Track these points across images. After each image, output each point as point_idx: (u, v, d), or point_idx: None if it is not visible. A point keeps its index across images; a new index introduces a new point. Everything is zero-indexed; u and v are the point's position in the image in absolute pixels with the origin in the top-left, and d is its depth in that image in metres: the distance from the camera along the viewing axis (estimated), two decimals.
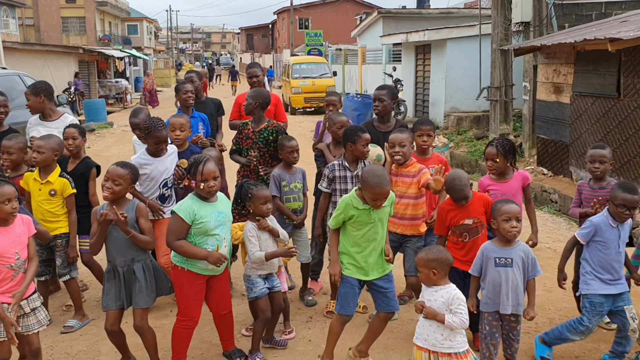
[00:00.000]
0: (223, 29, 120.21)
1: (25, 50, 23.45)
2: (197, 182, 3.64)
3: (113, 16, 50.97)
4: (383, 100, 5.19)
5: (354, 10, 46.29)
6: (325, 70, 23.98)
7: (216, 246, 3.75)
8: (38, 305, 3.59)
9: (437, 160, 4.74)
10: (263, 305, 4.12)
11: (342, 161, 4.65)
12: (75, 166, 4.84)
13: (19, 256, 3.46)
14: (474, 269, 3.79)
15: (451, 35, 15.00)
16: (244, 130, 5.31)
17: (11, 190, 3.39)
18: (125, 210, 3.76)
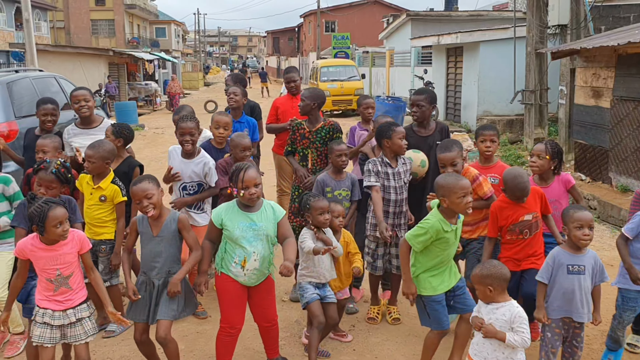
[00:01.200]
0: (249, 32, 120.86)
1: (57, 53, 23.84)
2: (238, 190, 3.57)
3: (141, 19, 51.59)
4: (422, 106, 4.97)
5: (380, 12, 46.08)
6: (353, 73, 23.88)
7: (243, 258, 3.64)
8: (86, 316, 3.52)
9: (500, 169, 4.51)
10: (314, 310, 4.03)
11: (382, 157, 4.58)
12: (118, 165, 4.80)
13: (59, 273, 3.40)
14: (544, 276, 3.63)
15: (484, 37, 14.82)
16: (299, 130, 5.27)
17: (62, 213, 3.32)
18: (166, 223, 3.72)
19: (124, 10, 45.70)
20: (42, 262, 3.38)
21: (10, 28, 30.96)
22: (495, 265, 3.37)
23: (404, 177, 4.60)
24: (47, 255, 3.37)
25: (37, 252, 3.37)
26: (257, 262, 3.67)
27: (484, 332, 3.27)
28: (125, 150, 4.93)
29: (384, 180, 4.54)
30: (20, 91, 8.26)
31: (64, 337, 3.49)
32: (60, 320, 3.44)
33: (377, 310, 4.85)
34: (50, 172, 3.92)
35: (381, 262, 4.67)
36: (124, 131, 4.84)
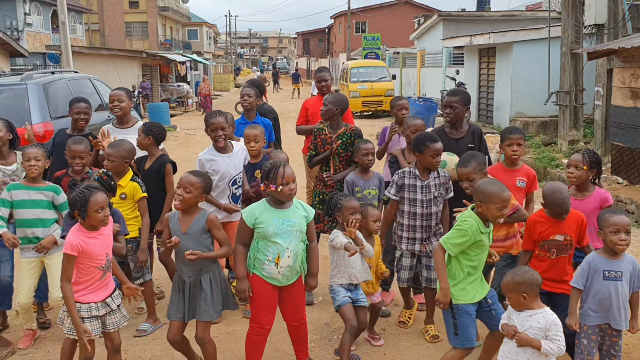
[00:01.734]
0: (280, 34, 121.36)
1: (92, 55, 24.25)
2: (277, 185, 3.56)
3: (174, 21, 52.24)
4: (455, 108, 4.88)
5: (411, 13, 45.76)
6: (384, 74, 23.77)
7: (277, 255, 3.63)
8: (120, 302, 3.69)
9: (525, 173, 4.46)
10: (346, 313, 4.01)
11: (413, 169, 4.48)
12: (152, 164, 4.88)
13: (108, 257, 3.54)
14: (579, 281, 3.52)
15: (517, 38, 14.58)
16: (320, 135, 5.25)
17: (103, 198, 3.41)
18: (195, 220, 3.73)
19: (157, 13, 46.32)
20: (95, 249, 3.44)
21: (47, 31, 31.63)
22: (527, 271, 3.29)
23: (434, 191, 4.43)
24: (98, 241, 3.47)
25: (87, 240, 3.43)
26: (290, 259, 3.67)
27: (518, 340, 3.19)
28: (157, 148, 4.96)
29: (410, 193, 4.43)
30: (56, 92, 8.43)
31: (103, 325, 3.57)
32: (104, 309, 3.55)
33: (409, 314, 4.79)
34: (93, 180, 3.98)
35: (406, 274, 4.58)
36: (154, 128, 4.88)
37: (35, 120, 7.53)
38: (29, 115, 7.61)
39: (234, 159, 4.82)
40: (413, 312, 4.82)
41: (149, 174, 4.82)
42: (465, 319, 3.62)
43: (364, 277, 4.19)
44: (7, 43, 19.98)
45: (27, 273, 4.42)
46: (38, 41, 29.76)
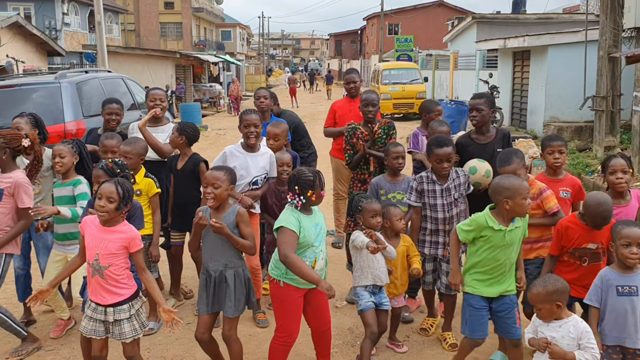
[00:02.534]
0: (312, 35, 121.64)
1: (127, 54, 24.66)
2: (317, 192, 3.59)
3: (208, 22, 52.79)
4: (481, 110, 4.76)
5: (445, 15, 45.40)
6: (416, 76, 23.56)
7: (314, 258, 3.63)
8: (125, 317, 3.51)
9: (570, 183, 4.27)
10: (368, 319, 3.96)
11: (430, 173, 4.40)
12: (185, 163, 4.90)
13: (97, 258, 3.43)
14: (593, 298, 3.40)
15: (553, 41, 14.31)
16: (355, 134, 5.21)
17: (108, 189, 3.37)
18: (226, 215, 3.72)
19: (192, 14, 46.88)
20: (89, 239, 3.46)
21: (84, 30, 32.28)
22: (557, 278, 3.20)
23: (454, 193, 4.36)
24: (95, 234, 3.45)
25: (91, 227, 3.46)
26: (323, 261, 3.68)
27: (552, 353, 3.08)
28: (189, 148, 4.99)
29: (430, 198, 4.37)
30: (89, 91, 8.54)
31: (107, 331, 3.55)
32: (101, 315, 3.50)
33: (432, 322, 4.70)
34: (98, 168, 4.01)
35: (430, 277, 4.53)
36: (188, 129, 4.90)
37: (68, 119, 7.64)
38: (62, 113, 7.72)
39: (258, 159, 4.81)
40: (436, 322, 4.71)
41: (182, 173, 4.85)
42: (471, 310, 3.70)
43: (387, 280, 4.14)
44: (46, 42, 20.45)
45: (52, 265, 4.53)
46: (75, 40, 30.38)
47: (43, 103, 7.83)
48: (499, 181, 3.56)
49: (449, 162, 4.28)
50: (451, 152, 4.26)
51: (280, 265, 3.60)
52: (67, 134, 7.47)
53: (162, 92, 5.54)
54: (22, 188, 4.17)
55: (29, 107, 7.82)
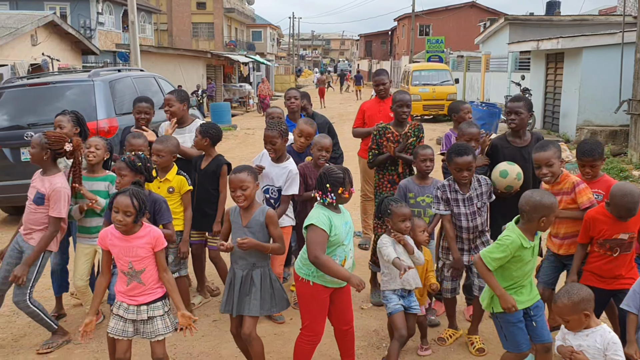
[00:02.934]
0: (342, 36, 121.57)
1: (159, 54, 24.99)
2: (348, 189, 3.58)
3: (239, 22, 53.19)
4: (520, 113, 4.70)
5: (477, 16, 44.95)
6: (446, 78, 23.34)
7: (344, 257, 3.62)
8: (159, 315, 3.53)
9: (605, 184, 4.09)
10: (397, 322, 3.93)
11: (452, 182, 4.33)
12: (208, 164, 4.95)
13: (132, 266, 3.45)
14: (631, 304, 3.31)
15: (588, 43, 14.02)
16: (385, 133, 5.18)
17: (124, 203, 3.34)
18: (255, 215, 3.73)
19: (223, 14, 47.28)
20: (116, 250, 3.46)
21: (117, 30, 32.78)
22: (580, 287, 3.13)
23: (476, 202, 4.29)
24: (122, 245, 3.45)
25: (114, 240, 3.46)
26: (351, 259, 3.68)
27: None
28: (214, 149, 5.02)
29: (453, 207, 4.31)
30: (122, 89, 8.67)
31: (137, 331, 3.55)
32: (133, 315, 3.50)
33: (452, 333, 4.57)
34: (120, 160, 4.04)
35: (449, 284, 4.44)
36: (211, 130, 4.94)
37: (100, 116, 7.78)
38: (94, 111, 7.86)
39: (275, 171, 4.81)
40: (456, 334, 4.58)
41: (205, 173, 4.89)
42: (510, 327, 3.53)
43: (417, 284, 4.10)
44: (80, 41, 20.82)
45: (82, 258, 4.62)
46: (109, 40, 30.87)
47: (76, 100, 7.98)
48: (540, 199, 3.35)
49: (469, 171, 4.21)
50: (471, 160, 4.19)
51: (310, 264, 3.58)
52: (99, 132, 7.59)
53: (172, 95, 5.50)
54: (60, 196, 4.23)
55: (63, 104, 7.97)
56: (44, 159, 4.24)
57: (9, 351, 4.48)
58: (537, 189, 3.71)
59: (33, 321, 4.67)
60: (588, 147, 4.06)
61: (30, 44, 18.04)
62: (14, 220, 8.40)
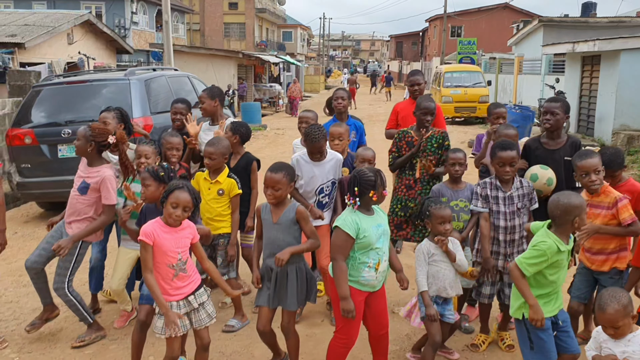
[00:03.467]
0: (372, 37, 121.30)
1: (192, 54, 25.28)
2: (379, 192, 3.53)
3: (270, 22, 53.46)
4: (556, 114, 4.59)
5: (510, 18, 44.39)
6: (478, 80, 23.08)
7: (377, 260, 3.58)
8: (205, 300, 3.66)
9: (630, 189, 4.04)
10: (431, 327, 3.88)
11: (494, 180, 4.26)
12: (237, 161, 4.98)
13: (180, 257, 3.52)
14: None
15: (626, 45, 13.70)
16: (405, 137, 5.14)
17: (185, 198, 3.45)
18: (285, 212, 3.77)
19: (255, 14, 47.57)
20: (166, 244, 3.48)
21: (151, 29, 33.25)
22: (620, 289, 3.07)
23: (517, 202, 4.19)
24: (171, 237, 3.50)
25: (161, 234, 3.49)
26: (385, 263, 3.65)
27: None
28: (243, 147, 5.06)
29: (492, 204, 4.23)
30: (157, 88, 8.78)
31: (191, 322, 3.62)
32: (185, 308, 3.58)
33: (485, 339, 4.50)
34: (145, 171, 4.07)
35: (487, 289, 4.35)
36: (241, 128, 4.98)
37: (136, 115, 7.86)
38: (130, 109, 7.94)
39: (324, 167, 4.79)
40: (489, 339, 4.52)
41: (235, 171, 4.90)
42: (539, 334, 3.41)
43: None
44: (115, 40, 21.17)
45: (123, 262, 4.66)
46: (142, 39, 31.33)
47: (113, 99, 8.08)
48: (568, 200, 3.28)
49: (512, 167, 4.13)
50: (515, 156, 4.11)
51: None
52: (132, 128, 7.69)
53: (204, 93, 5.55)
54: (109, 184, 4.34)
55: (99, 102, 8.11)
56: (88, 151, 4.34)
57: (47, 345, 4.56)
58: (562, 191, 3.57)
59: (69, 316, 4.77)
60: (607, 157, 4.00)
61: (66, 42, 18.40)
62: (50, 216, 8.56)
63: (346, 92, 6.12)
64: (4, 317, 5.03)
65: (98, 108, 7.95)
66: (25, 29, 16.98)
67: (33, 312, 5.00)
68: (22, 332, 4.69)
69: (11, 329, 4.81)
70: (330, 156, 4.82)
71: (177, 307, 3.54)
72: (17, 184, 8.23)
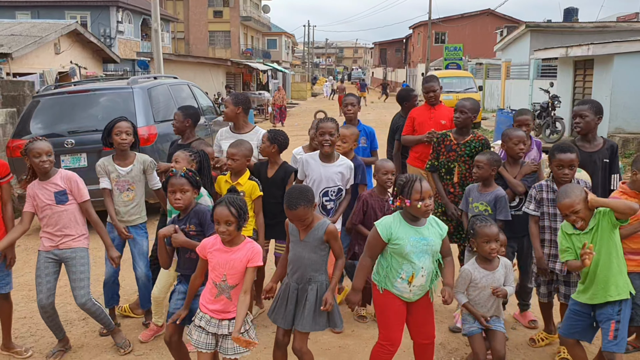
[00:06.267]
0: (356, 44, 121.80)
1: (180, 62, 25.09)
2: (413, 201, 3.36)
3: (255, 30, 53.41)
4: (585, 117, 4.51)
5: (493, 24, 44.86)
6: (470, 85, 23.16)
7: (411, 274, 3.45)
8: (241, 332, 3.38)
9: None
10: (476, 346, 3.80)
11: (550, 182, 4.21)
12: (276, 171, 4.82)
13: (225, 279, 3.36)
14: None
15: (620, 49, 13.85)
16: (444, 141, 5.06)
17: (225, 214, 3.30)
18: (313, 230, 3.59)
19: (240, 23, 47.48)
20: (214, 261, 3.38)
21: (137, 38, 32.99)
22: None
23: None
24: (220, 256, 3.37)
25: (213, 251, 3.39)
26: (424, 278, 3.49)
27: None
28: (280, 157, 4.92)
29: (550, 207, 4.18)
30: (159, 97, 8.65)
31: (217, 345, 3.47)
32: (214, 328, 3.41)
33: (545, 336, 4.46)
34: (179, 176, 3.94)
35: (545, 289, 4.32)
36: (279, 137, 4.83)
37: (140, 124, 7.69)
38: (134, 118, 7.80)
39: (332, 170, 4.71)
40: (550, 338, 4.47)
41: (273, 182, 4.75)
42: (569, 309, 3.72)
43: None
44: (101, 49, 20.95)
45: (165, 272, 4.49)
46: (128, 48, 31.05)
47: (116, 108, 7.94)
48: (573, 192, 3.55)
49: (571, 169, 4.05)
50: (574, 158, 4.04)
51: (381, 270, 3.53)
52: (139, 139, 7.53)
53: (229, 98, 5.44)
54: (78, 180, 4.28)
55: (101, 112, 7.97)
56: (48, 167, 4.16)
57: None
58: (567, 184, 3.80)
59: (88, 331, 4.63)
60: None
61: (53, 52, 18.16)
62: None
63: (356, 97, 6.04)
64: (20, 334, 4.84)
65: (101, 118, 7.83)
66: (12, 39, 16.70)
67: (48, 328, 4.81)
68: (41, 348, 4.53)
69: (29, 345, 4.62)
70: (341, 161, 4.77)
71: (207, 323, 3.41)
72: (18, 196, 8.02)
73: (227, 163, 4.61)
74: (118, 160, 4.72)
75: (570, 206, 3.47)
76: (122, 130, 4.61)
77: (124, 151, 4.69)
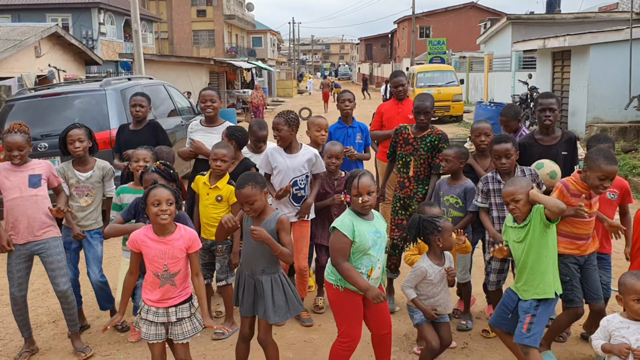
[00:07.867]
0: (342, 40, 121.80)
1: (162, 62, 25.01)
2: (353, 197, 3.45)
3: (240, 29, 53.25)
4: (554, 110, 4.58)
5: (477, 17, 44.98)
6: (451, 79, 23.28)
7: (370, 267, 3.51)
8: (186, 316, 3.50)
9: (617, 185, 4.12)
10: (425, 333, 3.87)
11: (495, 174, 4.35)
12: (236, 167, 4.83)
13: (167, 269, 3.41)
14: None
15: (595, 40, 13.97)
16: (402, 133, 5.10)
17: (164, 193, 3.36)
18: (267, 221, 3.62)
19: (224, 21, 47.31)
20: (151, 253, 3.41)
21: (119, 39, 32.85)
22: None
23: None
24: (157, 247, 3.41)
25: (148, 242, 3.41)
26: (379, 270, 3.57)
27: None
28: (240, 153, 4.97)
29: (497, 197, 4.32)
30: None
31: (168, 333, 3.53)
32: (163, 317, 3.47)
33: None
34: (151, 172, 3.98)
35: (495, 277, 4.42)
36: (237, 133, 4.88)
37: (113, 125, 7.67)
38: (107, 120, 7.82)
39: (297, 160, 4.80)
40: None
41: (233, 177, 4.79)
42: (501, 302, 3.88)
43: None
44: (83, 52, 20.85)
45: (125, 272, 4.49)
46: (111, 49, 30.92)
47: (89, 110, 7.95)
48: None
49: (508, 159, 4.23)
50: (509, 148, 4.22)
51: (335, 272, 3.56)
52: (112, 141, 7.52)
53: (214, 92, 5.45)
54: (50, 165, 4.40)
55: (75, 114, 7.94)
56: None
57: None
58: None
59: (57, 333, 4.67)
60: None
61: (34, 55, 18.04)
62: None
63: (352, 94, 6.03)
64: None
65: (74, 120, 7.81)
66: None
67: (17, 331, 4.81)
68: (9, 352, 4.55)
69: None
70: (305, 150, 4.87)
71: (154, 315, 3.45)
72: None
73: (216, 164, 4.55)
74: (78, 166, 4.72)
75: (512, 194, 3.58)
76: (74, 139, 4.59)
77: (81, 158, 4.70)
